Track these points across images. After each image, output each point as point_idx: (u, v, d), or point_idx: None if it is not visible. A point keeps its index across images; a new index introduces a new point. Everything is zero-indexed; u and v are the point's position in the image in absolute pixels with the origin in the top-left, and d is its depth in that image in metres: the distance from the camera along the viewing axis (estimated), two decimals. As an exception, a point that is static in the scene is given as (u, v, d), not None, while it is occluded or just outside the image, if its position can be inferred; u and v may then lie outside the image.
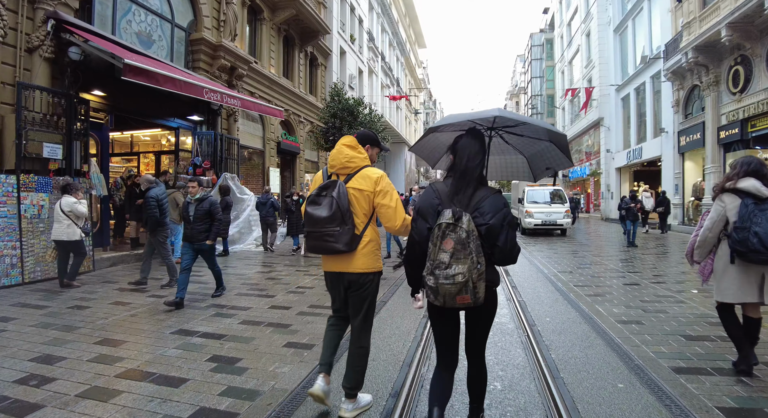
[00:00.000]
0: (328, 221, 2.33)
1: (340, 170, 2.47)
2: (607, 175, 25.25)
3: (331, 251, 2.40)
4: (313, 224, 2.38)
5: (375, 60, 27.28)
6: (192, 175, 10.59)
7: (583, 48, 29.10)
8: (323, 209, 2.34)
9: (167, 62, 9.57)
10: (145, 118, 9.90)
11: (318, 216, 2.35)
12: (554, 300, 5.51)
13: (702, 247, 3.18)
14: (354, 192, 2.42)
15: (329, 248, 2.38)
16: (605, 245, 12.31)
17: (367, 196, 2.43)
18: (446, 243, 1.82)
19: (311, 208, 2.39)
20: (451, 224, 1.83)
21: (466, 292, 1.80)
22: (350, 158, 2.46)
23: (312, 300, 5.49)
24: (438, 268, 1.82)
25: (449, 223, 1.83)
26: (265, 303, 5.35)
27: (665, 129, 17.31)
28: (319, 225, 2.36)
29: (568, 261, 8.90)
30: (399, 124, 34.65)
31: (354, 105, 10.11)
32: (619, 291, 5.97)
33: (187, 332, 4.19)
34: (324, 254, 2.48)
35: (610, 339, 3.96)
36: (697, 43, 13.17)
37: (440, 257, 1.82)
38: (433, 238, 1.87)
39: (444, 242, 1.82)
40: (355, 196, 2.42)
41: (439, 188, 2.03)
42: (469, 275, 1.78)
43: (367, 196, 2.43)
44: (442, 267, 1.80)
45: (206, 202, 5.30)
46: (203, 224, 5.28)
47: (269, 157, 14.29)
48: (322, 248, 2.41)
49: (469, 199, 1.93)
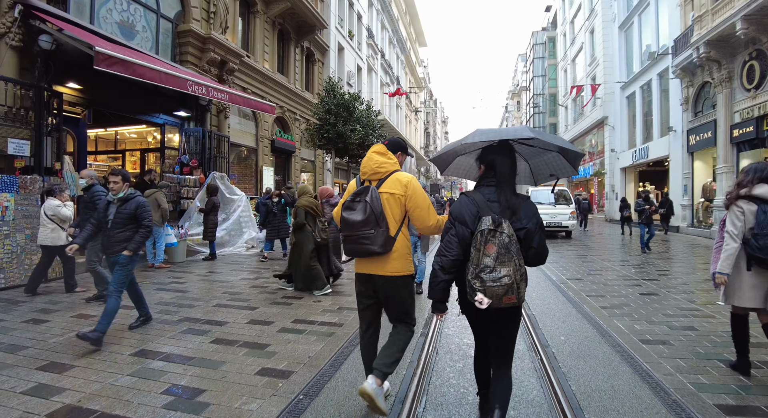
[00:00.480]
0: (363, 224, 2.42)
1: (372, 176, 2.58)
2: (611, 175, 24.67)
3: (367, 253, 2.47)
4: (350, 228, 2.47)
5: (374, 57, 26.73)
6: (179, 174, 10.05)
7: (587, 46, 28.51)
8: (358, 214, 2.44)
9: (150, 54, 9.03)
10: (127, 113, 9.34)
11: (353, 220, 2.45)
12: (567, 314, 4.95)
13: (732, 257, 3.06)
14: (386, 196, 2.51)
15: (365, 250, 2.46)
16: (613, 247, 11.75)
17: (398, 199, 2.52)
18: (489, 248, 1.97)
19: (347, 213, 2.50)
20: (492, 229, 1.99)
21: (512, 293, 1.96)
22: (380, 164, 2.57)
23: (297, 313, 4.93)
24: (483, 272, 1.96)
25: (491, 229, 1.99)
26: (244, 316, 4.80)
27: (673, 128, 16.74)
28: (355, 229, 2.45)
29: (577, 267, 8.34)
30: (399, 124, 34.10)
31: (350, 100, 9.54)
32: (636, 302, 5.41)
33: (147, 354, 3.64)
34: (360, 257, 2.55)
35: (637, 365, 3.40)
36: (710, 37, 12.59)
37: (484, 261, 1.97)
38: (476, 243, 2.02)
39: (487, 246, 1.98)
40: (387, 200, 2.51)
41: (476, 198, 2.17)
42: (514, 276, 1.95)
43: (399, 199, 2.52)
44: (487, 271, 1.96)
45: (132, 203, 4.13)
46: (125, 231, 4.07)
47: (263, 155, 13.73)
48: (359, 251, 2.49)
49: (509, 207, 2.10)
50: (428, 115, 58.44)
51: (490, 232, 1.99)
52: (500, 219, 2.02)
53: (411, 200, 2.52)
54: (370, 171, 2.57)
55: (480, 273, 1.98)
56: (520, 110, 61.71)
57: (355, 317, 3.94)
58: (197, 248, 9.46)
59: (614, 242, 13.11)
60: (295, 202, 6.15)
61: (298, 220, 5.99)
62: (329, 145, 9.50)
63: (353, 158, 10.36)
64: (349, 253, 2.56)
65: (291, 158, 15.96)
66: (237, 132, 12.93)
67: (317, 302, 5.45)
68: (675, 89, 16.83)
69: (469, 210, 2.14)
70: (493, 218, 2.02)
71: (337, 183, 20.24)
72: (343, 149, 9.64)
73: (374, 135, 10.52)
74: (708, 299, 5.54)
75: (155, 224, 7.87)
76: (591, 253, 10.58)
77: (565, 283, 6.68)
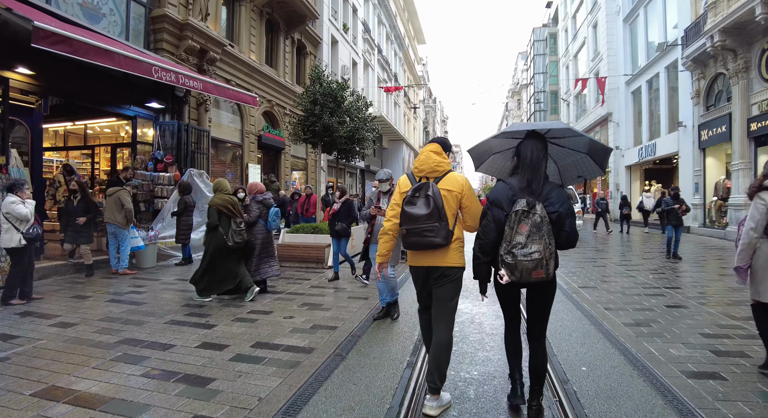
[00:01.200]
0: (427, 217, 2.47)
1: (430, 174, 2.64)
2: (616, 173, 23.86)
3: (431, 246, 2.50)
4: (413, 221, 2.50)
5: (371, 52, 25.90)
6: (152, 170, 9.23)
7: (590, 40, 27.71)
8: (421, 208, 2.49)
9: (119, 39, 8.21)
10: (94, 105, 8.51)
11: (417, 214, 2.48)
12: (585, 333, 4.12)
13: (747, 250, 3.03)
14: (445, 193, 2.56)
15: (429, 243, 2.49)
16: (623, 250, 10.92)
17: (455, 196, 2.58)
18: (522, 227, 2.20)
19: (409, 207, 2.52)
20: (525, 211, 2.21)
21: (540, 267, 2.16)
22: (438, 163, 2.65)
23: (261, 333, 4.11)
24: (515, 247, 2.19)
25: (525, 210, 2.21)
26: (196, 338, 3.97)
27: (683, 123, 15.91)
28: (419, 222, 2.48)
29: (588, 272, 7.52)
30: (398, 122, 33.29)
31: (337, 89, 8.71)
32: (665, 318, 4.59)
33: (52, 394, 2.82)
34: (422, 249, 2.56)
35: (688, 412, 2.58)
36: (725, 24, 11.77)
37: (517, 238, 2.20)
38: (510, 222, 2.25)
39: (520, 226, 2.20)
40: (445, 196, 2.55)
41: (511, 182, 2.40)
42: (543, 253, 2.16)
43: (456, 196, 2.58)
44: (519, 247, 2.18)
45: None
46: None
47: (248, 152, 12.90)
48: (422, 243, 2.50)
49: (540, 191, 2.32)
50: (427, 113, 57.61)
51: (523, 212, 2.20)
52: (534, 201, 2.22)
53: (467, 198, 2.61)
54: (428, 169, 2.64)
55: (512, 249, 2.18)
56: (521, 109, 60.89)
57: (330, 339, 3.96)
58: (170, 251, 8.64)
59: (623, 244, 12.28)
60: (210, 201, 5.48)
61: (210, 221, 5.33)
62: (315, 138, 8.67)
63: (342, 153, 9.52)
64: (410, 246, 2.57)
65: (280, 155, 15.14)
66: (220, 126, 12.10)
67: (288, 319, 4.62)
68: (685, 82, 16.01)
69: (505, 194, 2.35)
70: (527, 200, 2.23)
71: (331, 182, 19.42)
72: (330, 143, 8.81)
73: (365, 128, 9.68)
74: (748, 314, 4.72)
75: (118, 225, 7.06)
76: (601, 256, 9.75)
77: (577, 292, 5.86)
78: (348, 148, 9.24)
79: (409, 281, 6.39)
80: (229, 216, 5.31)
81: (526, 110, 53.23)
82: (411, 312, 4.77)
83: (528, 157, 2.38)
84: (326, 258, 7.92)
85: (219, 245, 5.27)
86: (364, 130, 9.75)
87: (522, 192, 2.31)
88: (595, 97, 27.48)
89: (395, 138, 30.36)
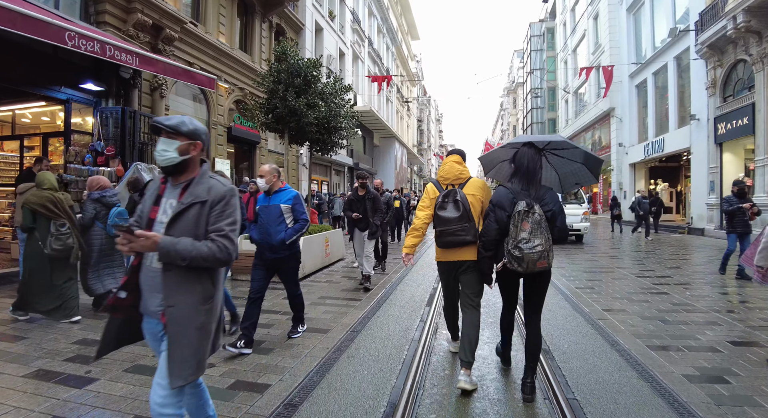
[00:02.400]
0: (458, 219, 2.85)
1: (455, 181, 3.06)
2: (618, 172, 22.64)
3: (463, 243, 2.88)
4: (446, 223, 2.89)
5: (361, 44, 24.51)
6: (91, 164, 7.78)
7: (590, 33, 26.50)
8: (452, 212, 2.89)
9: (45, 7, 6.76)
10: (11, 84, 7.06)
11: (449, 217, 2.88)
12: (615, 365, 2.75)
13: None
14: (470, 197, 2.94)
15: (461, 241, 2.87)
16: (641, 256, 9.61)
17: (479, 200, 2.99)
18: (524, 224, 2.53)
19: (441, 211, 2.93)
20: (526, 211, 2.55)
21: (543, 258, 2.50)
22: (461, 171, 3.09)
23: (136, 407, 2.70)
24: (521, 243, 2.51)
25: (525, 210, 2.55)
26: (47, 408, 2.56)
27: (696, 116, 14.67)
28: (451, 223, 2.86)
29: (609, 287, 6.19)
30: (390, 119, 31.94)
31: (307, 67, 7.28)
32: (747, 371, 3.24)
33: None
34: (456, 247, 2.92)
35: None
36: (750, 2, 10.50)
37: (521, 235, 2.52)
38: (514, 221, 2.57)
39: (523, 223, 2.53)
40: (470, 200, 2.93)
41: (511, 187, 2.76)
42: (545, 245, 2.50)
43: (479, 200, 2.99)
44: (524, 242, 2.50)
45: None
46: None
47: (216, 145, 11.46)
48: (457, 242, 2.87)
49: (536, 193, 2.67)
50: (421, 112, 56.29)
51: (525, 212, 2.55)
52: (533, 202, 2.58)
53: (488, 200, 2.94)
54: (453, 177, 3.06)
55: (518, 244, 2.52)
56: (517, 107, 59.73)
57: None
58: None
59: (637, 248, 10.97)
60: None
61: (23, 223, 4.41)
62: (278, 124, 7.25)
63: (314, 144, 8.11)
64: (445, 245, 2.93)
65: (255, 150, 13.70)
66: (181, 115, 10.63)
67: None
68: (698, 72, 14.77)
69: (507, 197, 2.71)
70: (527, 201, 2.58)
71: (315, 180, 18.01)
72: (299, 132, 7.38)
73: (344, 117, 8.27)
74: None
75: (17, 227, 5.61)
76: (616, 264, 8.43)
77: (604, 319, 4.48)
78: (321, 138, 7.84)
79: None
80: (49, 217, 4.28)
81: (523, 109, 52.05)
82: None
83: (524, 165, 2.73)
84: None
85: (33, 252, 4.33)
86: (342, 119, 8.34)
87: (521, 195, 2.66)
88: (596, 92, 26.28)
89: (387, 135, 28.99)
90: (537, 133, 42.43)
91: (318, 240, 7.56)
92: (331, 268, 7.82)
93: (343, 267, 7.93)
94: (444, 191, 2.97)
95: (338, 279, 6.79)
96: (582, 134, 29.08)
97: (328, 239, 8.06)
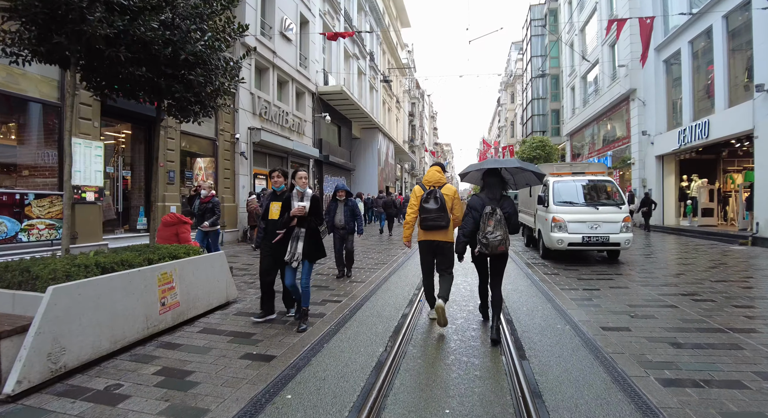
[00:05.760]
0: (437, 210, 4.24)
1: (435, 183, 4.44)
2: (641, 165, 18.87)
3: (439, 228, 4.29)
4: (428, 212, 4.28)
5: (334, 16, 20.64)
6: None
7: (602, 5, 22.77)
8: (433, 205, 4.27)
9: None
10: None
11: (431, 208, 4.27)
12: None
13: None
14: (445, 196, 4.36)
15: (439, 226, 4.27)
16: (734, 287, 5.78)
17: (450, 198, 4.42)
18: (489, 222, 3.90)
19: (426, 204, 4.31)
20: (490, 212, 3.93)
21: (502, 244, 3.87)
22: (440, 177, 4.51)
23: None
24: (488, 234, 3.88)
25: (490, 212, 3.94)
26: None
27: (765, 86, 10.91)
28: (433, 213, 4.26)
29: (693, 358, 2.44)
30: (375, 109, 28.09)
31: None
32: None
33: None
34: (435, 230, 4.32)
35: None
36: None
37: (487, 229, 3.90)
38: (483, 219, 3.96)
39: (488, 221, 3.91)
40: (445, 198, 4.36)
41: (482, 196, 4.17)
42: (503, 236, 3.87)
43: (451, 198, 4.43)
44: (489, 233, 3.87)
45: None
46: None
47: (76, 119, 7.57)
48: (435, 226, 4.28)
49: (498, 201, 4.08)
50: (413, 106, 52.46)
51: (490, 214, 3.93)
52: (495, 207, 3.97)
53: (456, 201, 4.48)
54: (435, 180, 4.45)
55: (486, 235, 3.88)
56: (515, 102, 56.03)
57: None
58: None
59: (700, 266, 7.14)
60: None
61: None
62: (50, 37, 3.41)
63: (158, 96, 4.26)
64: (427, 228, 4.31)
65: (154, 129, 9.78)
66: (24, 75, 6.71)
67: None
68: (763, 26, 11.03)
69: (479, 203, 4.11)
70: (491, 206, 3.98)
71: (261, 174, 14.10)
72: (105, 65, 3.57)
73: (210, 45, 4.34)
74: None
75: None
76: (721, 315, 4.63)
77: None
78: (166, 87, 4.05)
79: None
80: None
81: (522, 102, 48.32)
82: None
83: (490, 182, 4.20)
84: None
85: None
86: (223, 75, 4.53)
87: (489, 201, 4.08)
88: (610, 75, 22.57)
89: (368, 125, 25.15)
90: (538, 125, 38.82)
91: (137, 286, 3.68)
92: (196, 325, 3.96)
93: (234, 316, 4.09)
94: (428, 190, 4.37)
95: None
96: (592, 124, 25.34)
97: (173, 273, 4.19)
